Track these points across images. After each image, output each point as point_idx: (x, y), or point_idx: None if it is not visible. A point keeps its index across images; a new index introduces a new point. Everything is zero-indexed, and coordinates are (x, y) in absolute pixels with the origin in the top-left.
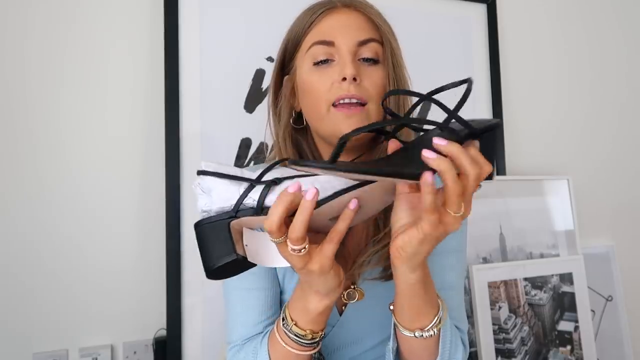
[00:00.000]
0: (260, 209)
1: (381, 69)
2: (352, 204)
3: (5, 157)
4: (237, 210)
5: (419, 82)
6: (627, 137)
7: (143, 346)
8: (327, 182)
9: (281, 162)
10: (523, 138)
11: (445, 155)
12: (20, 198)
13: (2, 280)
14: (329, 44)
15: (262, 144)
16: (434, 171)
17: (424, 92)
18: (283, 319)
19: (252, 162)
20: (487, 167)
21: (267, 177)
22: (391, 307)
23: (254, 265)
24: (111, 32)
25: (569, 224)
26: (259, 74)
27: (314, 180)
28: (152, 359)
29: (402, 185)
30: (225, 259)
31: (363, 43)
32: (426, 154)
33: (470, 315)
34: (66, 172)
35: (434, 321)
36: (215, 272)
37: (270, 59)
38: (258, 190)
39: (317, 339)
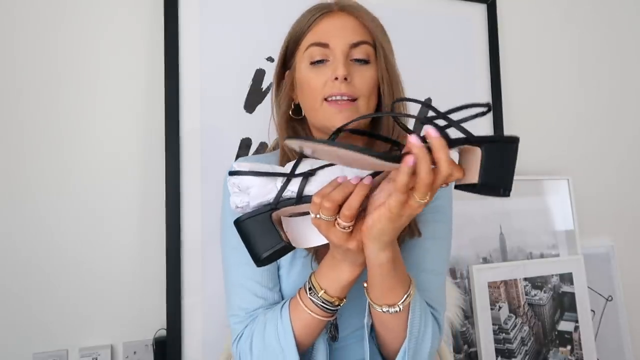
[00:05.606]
0: (300, 199)
1: (372, 68)
2: (366, 180)
3: (5, 157)
4: (278, 202)
5: (420, 81)
6: (627, 137)
7: (143, 346)
8: (358, 172)
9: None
10: (523, 138)
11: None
12: (20, 198)
13: (2, 280)
14: (324, 45)
15: (262, 144)
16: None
17: (427, 93)
18: (310, 288)
19: None
20: (458, 173)
21: (299, 169)
22: (365, 285)
23: (293, 248)
24: (111, 33)
25: (569, 224)
26: (259, 74)
27: (349, 171)
28: (152, 359)
29: (394, 173)
30: (276, 247)
31: (355, 45)
32: (412, 139)
33: (470, 315)
34: (66, 172)
35: (402, 298)
36: (263, 260)
37: (270, 59)
38: (296, 182)
39: (340, 306)
